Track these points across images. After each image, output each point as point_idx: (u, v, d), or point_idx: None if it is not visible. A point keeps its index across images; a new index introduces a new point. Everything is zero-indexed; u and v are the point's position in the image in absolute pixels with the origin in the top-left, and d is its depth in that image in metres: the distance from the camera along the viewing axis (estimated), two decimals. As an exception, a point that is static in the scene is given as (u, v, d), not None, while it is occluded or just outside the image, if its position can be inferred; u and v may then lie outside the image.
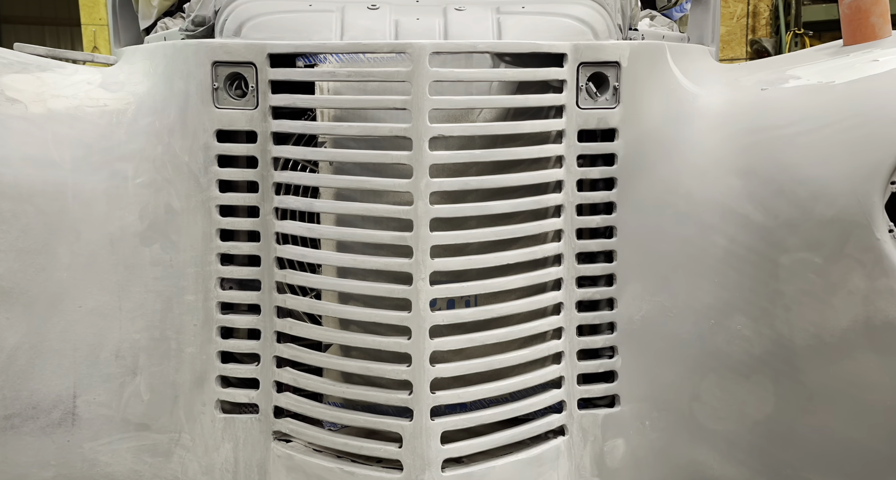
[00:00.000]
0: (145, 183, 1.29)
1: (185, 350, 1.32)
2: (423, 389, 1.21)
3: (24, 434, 1.28)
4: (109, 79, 1.40)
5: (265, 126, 1.26)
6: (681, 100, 1.37)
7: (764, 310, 1.32)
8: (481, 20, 1.37)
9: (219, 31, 1.44)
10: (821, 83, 1.29)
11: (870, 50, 1.37)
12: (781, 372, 1.31)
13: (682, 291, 1.37)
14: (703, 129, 1.36)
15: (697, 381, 1.38)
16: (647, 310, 1.36)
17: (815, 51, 1.57)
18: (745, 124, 1.32)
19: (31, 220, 1.23)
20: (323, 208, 1.28)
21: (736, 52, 5.70)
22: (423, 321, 1.20)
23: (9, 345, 1.24)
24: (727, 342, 1.35)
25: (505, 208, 1.24)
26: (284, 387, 1.32)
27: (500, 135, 1.26)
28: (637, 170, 1.32)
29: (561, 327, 1.32)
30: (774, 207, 1.28)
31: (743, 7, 5.72)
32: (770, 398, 1.31)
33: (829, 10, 5.59)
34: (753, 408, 1.32)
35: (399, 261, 1.21)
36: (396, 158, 1.20)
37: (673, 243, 1.35)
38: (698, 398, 1.38)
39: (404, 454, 1.23)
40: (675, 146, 1.35)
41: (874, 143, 1.18)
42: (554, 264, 1.31)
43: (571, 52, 1.26)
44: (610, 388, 1.36)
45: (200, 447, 1.33)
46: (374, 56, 1.27)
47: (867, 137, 1.19)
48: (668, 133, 1.35)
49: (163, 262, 1.30)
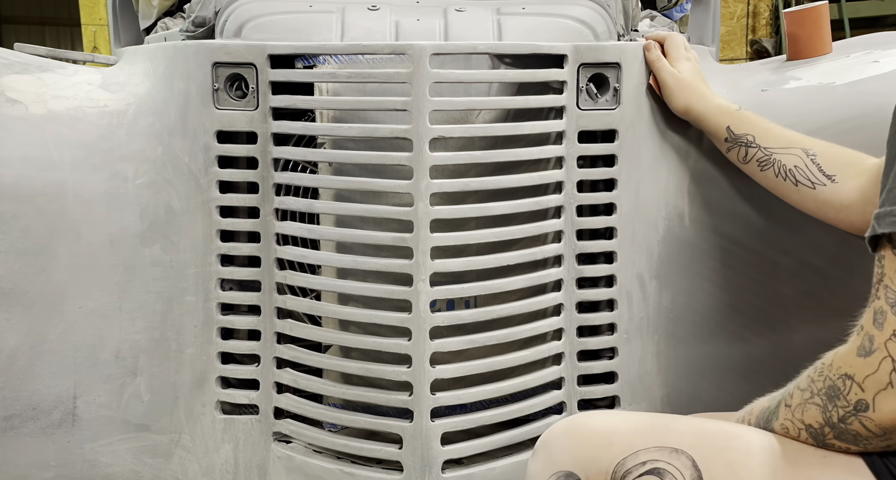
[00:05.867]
0: (145, 184, 1.29)
1: (186, 351, 1.32)
2: (423, 390, 1.21)
3: (24, 435, 1.28)
4: (110, 79, 1.40)
5: (265, 127, 1.26)
6: (681, 101, 1.37)
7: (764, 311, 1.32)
8: (482, 21, 1.37)
9: (219, 31, 1.44)
10: (821, 85, 1.29)
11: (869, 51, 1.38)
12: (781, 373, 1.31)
13: (682, 292, 1.37)
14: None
15: (697, 382, 1.38)
16: (647, 311, 1.37)
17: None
18: (746, 125, 1.32)
19: (32, 221, 1.23)
20: (323, 209, 1.28)
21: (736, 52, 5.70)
22: (424, 322, 1.20)
23: (9, 346, 1.24)
24: (727, 342, 1.36)
25: (505, 209, 1.24)
26: (284, 388, 1.32)
27: (500, 136, 1.26)
28: (637, 171, 1.32)
29: (561, 328, 1.32)
30: (775, 207, 1.29)
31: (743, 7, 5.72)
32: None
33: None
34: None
35: (399, 262, 1.21)
36: (397, 160, 1.20)
37: (673, 244, 1.35)
38: (698, 399, 1.38)
39: (404, 455, 1.23)
40: (675, 147, 1.35)
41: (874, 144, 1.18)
42: (554, 265, 1.31)
43: (572, 54, 1.26)
44: (610, 389, 1.36)
45: (200, 448, 1.33)
46: (374, 57, 1.27)
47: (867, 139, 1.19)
48: (669, 134, 1.35)
49: (163, 263, 1.30)
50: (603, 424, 0.89)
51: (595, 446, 0.85)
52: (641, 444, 0.84)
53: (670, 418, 0.90)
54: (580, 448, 0.86)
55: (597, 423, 0.89)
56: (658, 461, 0.82)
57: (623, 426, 0.87)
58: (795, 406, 0.85)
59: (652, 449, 0.83)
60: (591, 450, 0.85)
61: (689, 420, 0.89)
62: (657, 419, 0.90)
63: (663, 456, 0.82)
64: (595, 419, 0.91)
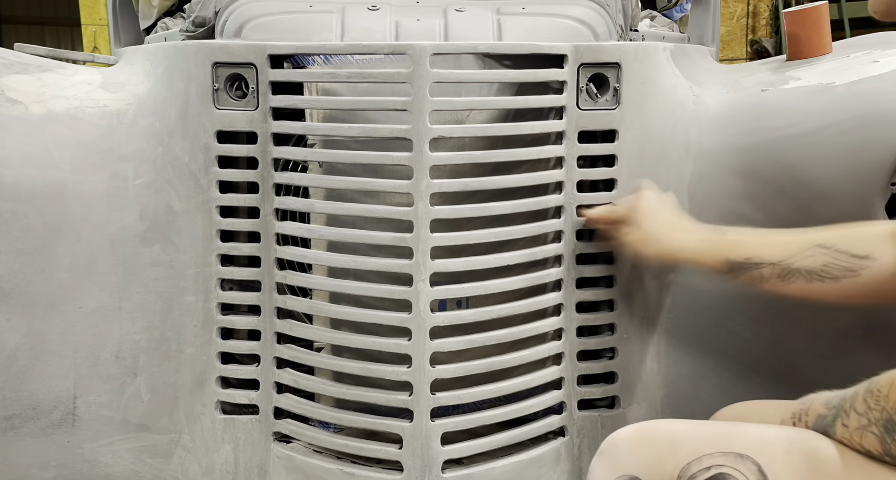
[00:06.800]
0: (145, 184, 1.29)
1: (186, 351, 1.32)
2: (423, 390, 1.21)
3: (24, 435, 1.28)
4: (110, 79, 1.40)
5: (265, 127, 1.26)
6: (681, 101, 1.37)
7: (764, 310, 1.32)
8: (482, 21, 1.37)
9: (219, 31, 1.44)
10: (821, 84, 1.29)
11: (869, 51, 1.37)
12: (781, 373, 1.31)
13: (682, 292, 1.37)
14: (703, 130, 1.36)
15: (697, 382, 1.38)
16: (647, 311, 1.37)
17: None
18: (746, 125, 1.32)
19: (32, 221, 1.23)
20: (323, 209, 1.27)
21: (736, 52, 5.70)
22: (424, 322, 1.20)
23: (9, 346, 1.24)
24: (727, 342, 1.35)
25: (505, 209, 1.24)
26: (284, 388, 1.32)
27: (500, 136, 1.26)
28: (637, 171, 1.32)
29: (561, 328, 1.32)
30: (775, 208, 1.28)
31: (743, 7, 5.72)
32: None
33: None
34: (753, 409, 1.33)
35: (399, 262, 1.21)
36: (397, 160, 1.20)
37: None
38: (698, 399, 1.38)
39: (404, 455, 1.23)
40: (675, 147, 1.35)
41: (874, 144, 1.18)
42: (554, 265, 1.31)
43: (572, 54, 1.26)
44: (610, 389, 1.36)
45: (200, 448, 1.33)
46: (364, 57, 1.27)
47: (868, 139, 1.19)
48: (669, 134, 1.35)
49: (163, 263, 1.30)
50: (668, 431, 0.91)
51: (660, 452, 0.87)
52: (706, 449, 0.85)
53: (734, 425, 0.92)
54: (645, 453, 0.88)
55: (662, 430, 0.91)
56: (723, 466, 0.83)
57: (687, 433, 0.89)
58: (854, 429, 0.85)
59: (717, 454, 0.84)
60: (655, 456, 0.87)
61: (754, 427, 0.90)
62: (721, 426, 0.92)
63: (728, 461, 0.83)
64: (661, 426, 0.93)
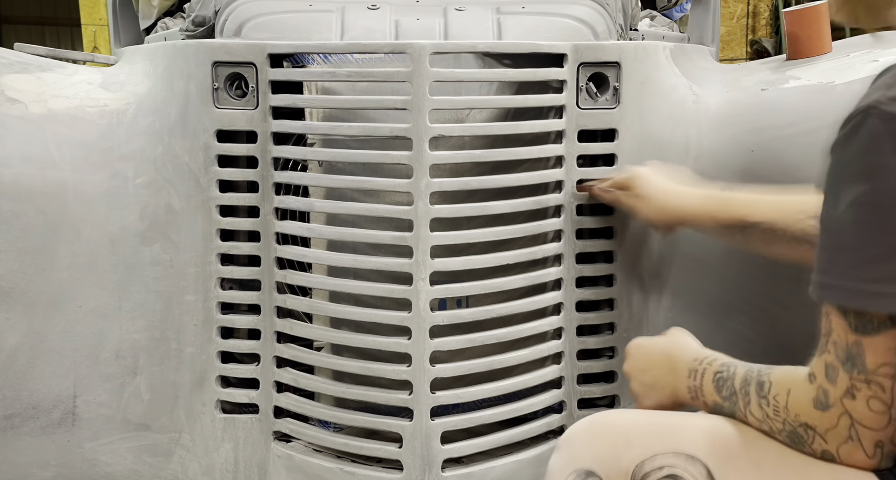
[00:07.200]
0: (145, 183, 1.29)
1: (186, 350, 1.32)
2: (423, 389, 1.21)
3: (24, 434, 1.28)
4: (110, 79, 1.40)
5: (265, 126, 1.26)
6: (681, 100, 1.37)
7: (764, 310, 1.32)
8: (482, 20, 1.37)
9: (219, 31, 1.44)
10: (821, 84, 1.29)
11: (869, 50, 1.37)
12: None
13: (682, 291, 1.37)
14: (703, 129, 1.36)
15: (697, 381, 1.38)
16: (647, 311, 1.37)
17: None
18: (746, 125, 1.32)
19: (32, 220, 1.23)
20: (323, 208, 1.28)
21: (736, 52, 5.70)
22: (424, 321, 1.20)
23: (9, 345, 1.24)
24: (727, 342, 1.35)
25: (505, 209, 1.24)
26: (284, 387, 1.32)
27: (500, 135, 1.26)
28: (637, 170, 1.32)
29: (561, 327, 1.32)
30: (774, 207, 1.28)
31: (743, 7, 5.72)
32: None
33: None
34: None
35: (399, 261, 1.21)
36: (397, 159, 1.20)
37: (673, 243, 1.35)
38: (698, 399, 1.37)
39: (404, 454, 1.23)
40: (675, 147, 1.35)
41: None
42: (554, 264, 1.31)
43: (571, 53, 1.26)
44: (610, 388, 1.36)
45: (200, 447, 1.33)
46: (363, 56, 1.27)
47: (867, 138, 1.18)
48: (668, 134, 1.35)
49: (163, 262, 1.30)
50: (622, 423, 0.91)
51: (614, 445, 0.88)
52: (658, 447, 0.86)
53: (682, 417, 0.92)
54: (600, 446, 0.89)
55: (616, 422, 0.92)
56: (675, 466, 0.84)
57: (641, 426, 0.90)
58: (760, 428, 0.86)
59: (669, 454, 0.85)
60: (610, 449, 0.88)
61: (703, 420, 0.90)
62: (672, 419, 0.91)
63: (679, 462, 0.84)
64: (614, 417, 0.94)
